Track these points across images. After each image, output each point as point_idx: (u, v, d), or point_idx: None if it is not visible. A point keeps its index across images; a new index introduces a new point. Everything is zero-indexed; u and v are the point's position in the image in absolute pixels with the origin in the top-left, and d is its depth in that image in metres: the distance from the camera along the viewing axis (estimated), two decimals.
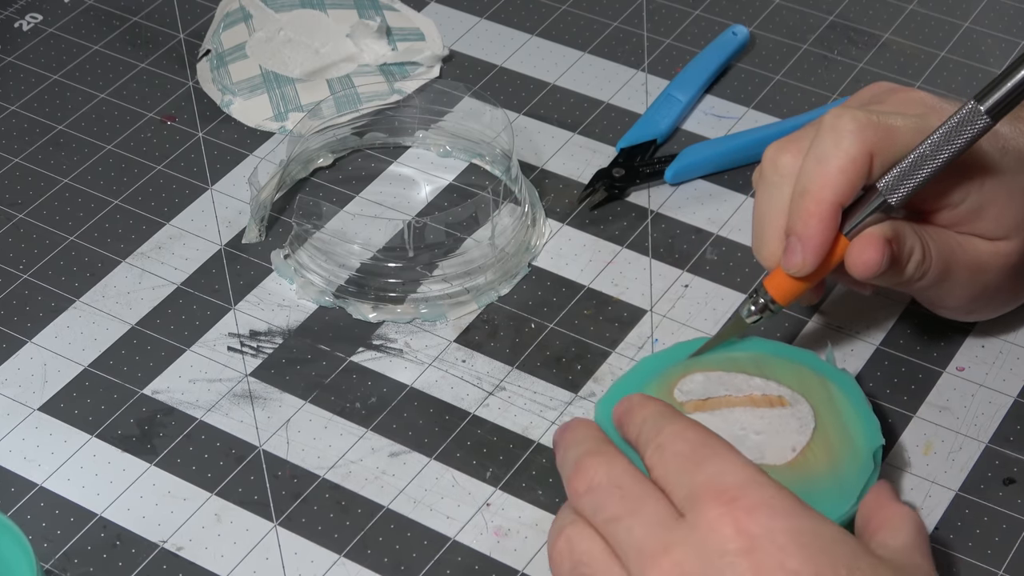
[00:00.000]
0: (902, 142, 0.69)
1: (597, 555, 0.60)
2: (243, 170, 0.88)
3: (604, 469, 0.62)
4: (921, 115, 0.70)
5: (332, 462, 0.74)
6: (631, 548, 0.59)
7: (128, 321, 0.80)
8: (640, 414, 0.64)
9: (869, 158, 0.69)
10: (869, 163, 0.69)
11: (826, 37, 0.97)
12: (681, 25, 0.98)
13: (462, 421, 0.76)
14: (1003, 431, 0.75)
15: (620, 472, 0.61)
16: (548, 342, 0.79)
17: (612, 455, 0.62)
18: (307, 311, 0.81)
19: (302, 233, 0.83)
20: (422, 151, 0.89)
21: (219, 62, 0.93)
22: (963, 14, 0.98)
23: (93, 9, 0.99)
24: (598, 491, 0.61)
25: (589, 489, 0.61)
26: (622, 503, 0.60)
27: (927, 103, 0.72)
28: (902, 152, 0.69)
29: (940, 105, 0.72)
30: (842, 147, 0.69)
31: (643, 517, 0.59)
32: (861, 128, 0.69)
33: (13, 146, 0.90)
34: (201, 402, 0.77)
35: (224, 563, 0.70)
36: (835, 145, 0.69)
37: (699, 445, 0.61)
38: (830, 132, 0.69)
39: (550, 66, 0.95)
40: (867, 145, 0.69)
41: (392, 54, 0.94)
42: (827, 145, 0.69)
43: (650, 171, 0.88)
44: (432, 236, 0.82)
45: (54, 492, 0.73)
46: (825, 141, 0.69)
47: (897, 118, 0.70)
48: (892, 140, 0.69)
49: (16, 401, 0.77)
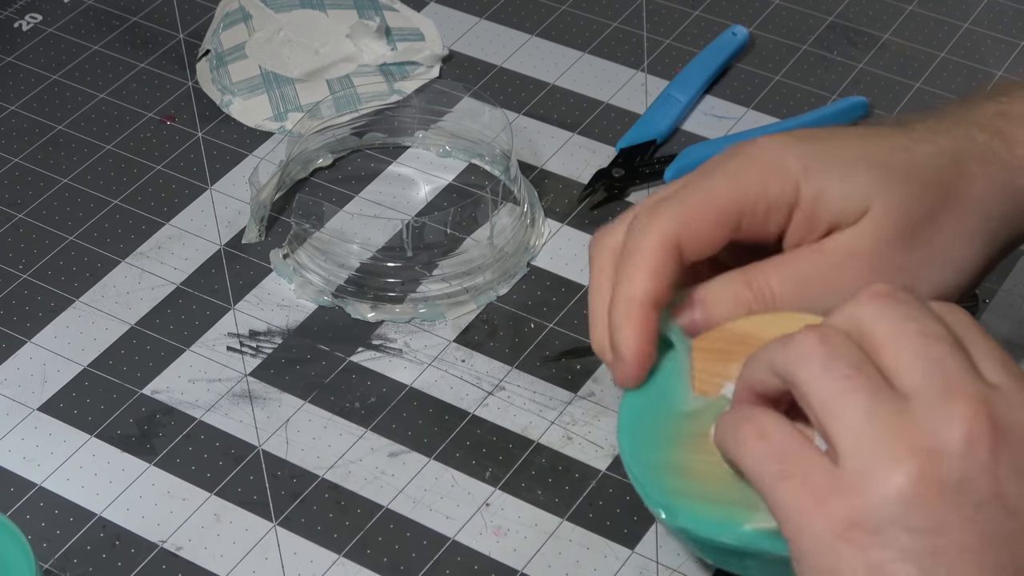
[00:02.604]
0: (711, 217, 0.66)
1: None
2: (243, 170, 0.88)
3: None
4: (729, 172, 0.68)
5: (331, 462, 0.74)
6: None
7: (128, 321, 0.80)
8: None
9: (675, 249, 0.66)
10: (677, 253, 0.66)
11: (826, 37, 0.97)
12: (681, 25, 0.98)
13: (461, 421, 0.76)
14: None
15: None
16: (547, 342, 0.79)
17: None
18: (306, 311, 0.81)
19: (301, 233, 0.83)
20: (421, 151, 0.89)
21: (219, 62, 0.93)
22: (963, 15, 0.98)
23: (93, 9, 0.99)
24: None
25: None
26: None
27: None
28: (715, 223, 0.66)
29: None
30: (644, 244, 0.66)
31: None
32: (660, 220, 0.66)
33: (13, 146, 0.90)
34: (200, 402, 0.77)
35: (223, 563, 0.70)
36: (640, 239, 0.66)
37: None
38: (635, 227, 0.67)
39: (550, 66, 0.95)
40: (670, 236, 0.66)
41: (391, 54, 0.94)
42: (633, 241, 0.66)
43: (650, 171, 0.88)
44: (431, 236, 0.82)
45: (53, 492, 0.73)
46: (631, 237, 0.67)
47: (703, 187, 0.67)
48: (699, 220, 0.66)
49: (15, 401, 0.77)
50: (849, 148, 0.68)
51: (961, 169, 0.68)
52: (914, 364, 0.56)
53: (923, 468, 0.54)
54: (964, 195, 0.67)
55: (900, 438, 0.54)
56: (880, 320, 0.57)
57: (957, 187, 0.67)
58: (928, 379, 0.55)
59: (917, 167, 0.67)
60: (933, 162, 0.68)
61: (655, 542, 0.71)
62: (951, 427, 0.54)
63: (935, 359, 0.56)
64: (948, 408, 0.54)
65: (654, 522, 0.72)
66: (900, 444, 0.54)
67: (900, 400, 0.55)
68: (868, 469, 0.55)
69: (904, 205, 0.66)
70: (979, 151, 0.69)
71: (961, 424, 0.54)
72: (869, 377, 0.56)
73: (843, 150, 0.68)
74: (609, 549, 0.71)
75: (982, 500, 0.54)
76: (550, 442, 0.75)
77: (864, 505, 0.54)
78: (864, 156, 0.67)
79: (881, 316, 0.57)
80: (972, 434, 0.54)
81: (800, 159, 0.67)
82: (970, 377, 0.55)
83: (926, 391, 0.55)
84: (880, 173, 0.67)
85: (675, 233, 0.66)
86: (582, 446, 0.75)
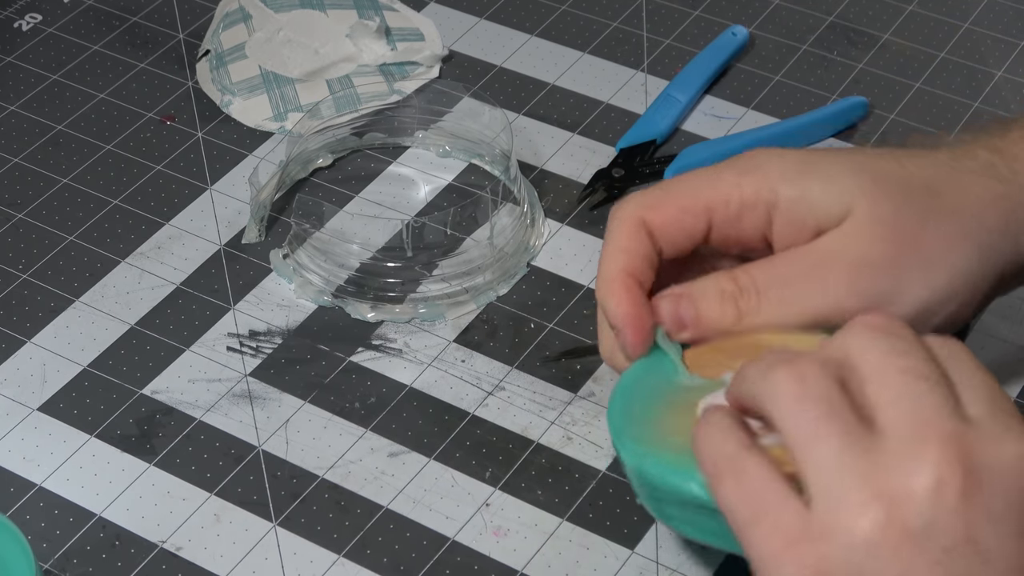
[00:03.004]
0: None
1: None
2: (243, 170, 0.88)
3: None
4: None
5: (331, 462, 0.74)
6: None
7: (127, 321, 0.80)
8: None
9: (641, 226, 0.68)
10: (643, 230, 0.68)
11: (826, 38, 0.97)
12: (681, 25, 0.98)
13: (461, 421, 0.76)
14: None
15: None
16: (547, 342, 0.79)
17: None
18: (306, 311, 0.81)
19: (301, 233, 0.83)
20: (421, 151, 0.89)
21: (218, 62, 0.93)
22: (963, 15, 0.98)
23: (93, 9, 0.99)
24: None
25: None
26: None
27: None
28: (681, 209, 0.68)
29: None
30: (612, 226, 0.69)
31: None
32: (627, 205, 0.69)
33: (13, 146, 0.90)
34: (200, 402, 0.77)
35: (223, 563, 0.70)
36: (609, 224, 0.69)
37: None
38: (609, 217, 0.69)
39: (550, 66, 0.95)
40: (635, 216, 0.68)
41: (391, 54, 0.94)
42: (607, 229, 0.69)
43: (650, 171, 0.88)
44: (431, 236, 0.82)
45: (53, 492, 0.73)
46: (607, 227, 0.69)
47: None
48: (665, 205, 0.68)
49: (15, 401, 0.77)
50: (835, 158, 0.68)
51: (955, 178, 0.68)
52: (892, 402, 0.55)
53: (889, 513, 0.53)
54: (957, 201, 0.67)
55: (868, 482, 0.54)
56: (867, 352, 0.57)
57: (949, 193, 0.67)
58: (902, 419, 0.55)
59: (905, 175, 0.68)
60: (923, 172, 0.68)
61: (655, 542, 0.71)
62: (920, 470, 0.53)
63: (913, 397, 0.55)
64: (919, 450, 0.54)
65: (654, 522, 0.72)
66: (867, 488, 0.54)
67: (873, 440, 0.55)
68: (835, 514, 0.54)
69: (889, 207, 0.66)
70: (978, 165, 0.69)
71: (930, 467, 0.53)
72: (843, 419, 0.55)
73: (828, 159, 0.68)
74: (609, 549, 0.71)
75: (951, 545, 0.53)
76: (550, 442, 0.75)
77: (831, 552, 0.54)
78: (849, 164, 0.68)
79: (869, 348, 0.57)
80: (941, 477, 0.53)
81: (781, 164, 0.68)
82: (947, 416, 0.55)
83: (899, 431, 0.55)
84: (865, 178, 0.67)
85: (640, 214, 0.68)
86: (582, 446, 0.75)
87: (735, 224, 0.68)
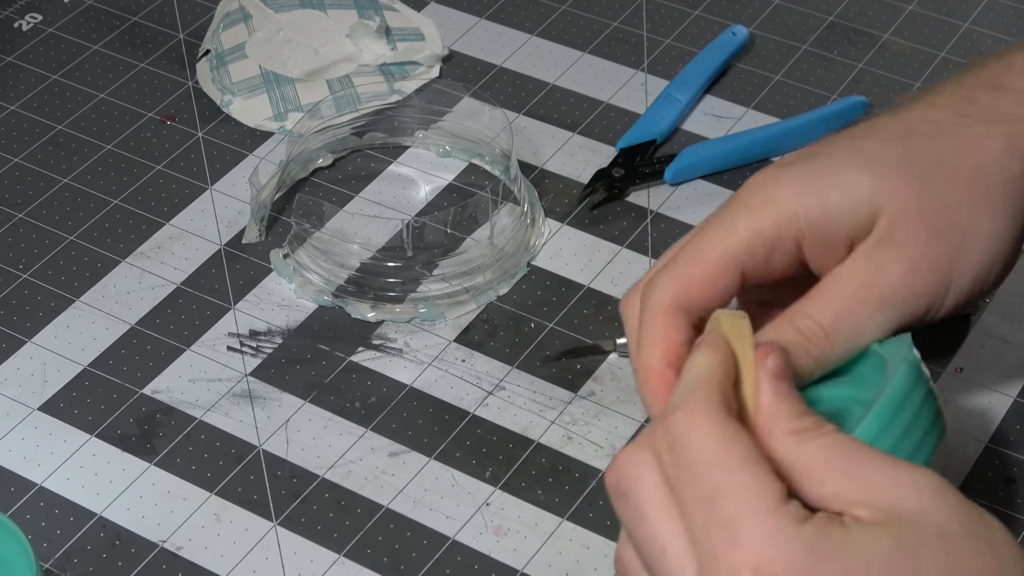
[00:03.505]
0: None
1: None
2: (243, 170, 0.88)
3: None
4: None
5: (332, 462, 0.74)
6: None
7: (128, 321, 0.80)
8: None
9: (677, 312, 0.66)
10: (680, 314, 0.66)
11: (826, 37, 0.97)
12: (681, 25, 0.98)
13: (461, 421, 0.76)
14: (1003, 431, 0.75)
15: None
16: (547, 342, 0.79)
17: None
18: (306, 311, 0.81)
19: (301, 233, 0.83)
20: (422, 151, 0.89)
21: (219, 62, 0.94)
22: (963, 14, 0.98)
23: (93, 9, 0.99)
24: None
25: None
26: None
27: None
28: (714, 279, 0.67)
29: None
30: (646, 318, 0.67)
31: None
32: (658, 290, 0.67)
33: (13, 146, 0.90)
34: (201, 402, 0.77)
35: (223, 563, 0.70)
36: (644, 312, 0.67)
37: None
38: (643, 298, 0.67)
39: (550, 66, 0.95)
40: (670, 302, 0.66)
41: (392, 54, 0.94)
42: (642, 314, 0.67)
43: (650, 171, 0.88)
44: (431, 236, 0.82)
45: (54, 492, 0.73)
46: (641, 309, 0.67)
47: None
48: (697, 280, 0.67)
49: (16, 401, 0.77)
50: (841, 156, 0.67)
51: (964, 138, 0.66)
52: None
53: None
54: (973, 164, 0.66)
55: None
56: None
57: (963, 159, 0.66)
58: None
59: (915, 156, 0.66)
60: (931, 145, 0.67)
61: None
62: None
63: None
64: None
65: None
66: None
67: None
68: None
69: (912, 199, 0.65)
70: (982, 112, 0.67)
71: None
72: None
73: (833, 160, 0.66)
74: (609, 549, 0.71)
75: None
76: (550, 442, 0.75)
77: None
78: (858, 161, 0.66)
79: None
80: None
81: (790, 185, 0.66)
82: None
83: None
84: (878, 173, 0.66)
85: (674, 298, 0.65)
86: (582, 446, 0.75)
87: (766, 265, 0.66)
